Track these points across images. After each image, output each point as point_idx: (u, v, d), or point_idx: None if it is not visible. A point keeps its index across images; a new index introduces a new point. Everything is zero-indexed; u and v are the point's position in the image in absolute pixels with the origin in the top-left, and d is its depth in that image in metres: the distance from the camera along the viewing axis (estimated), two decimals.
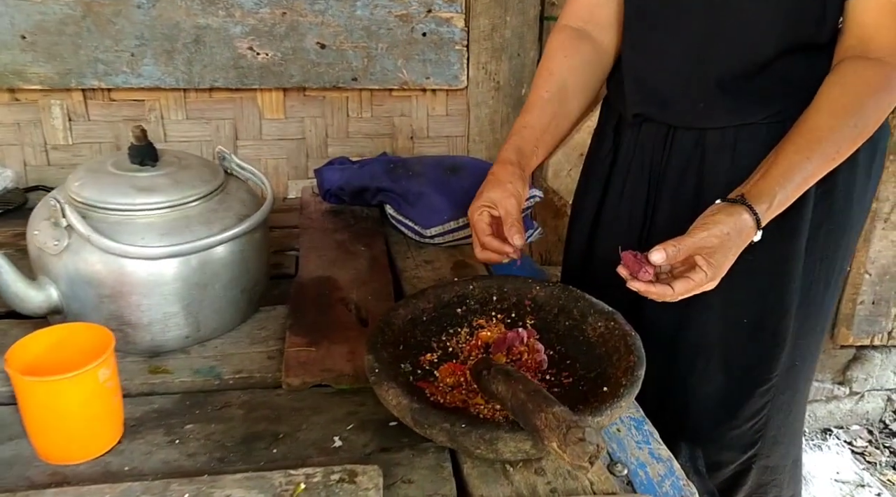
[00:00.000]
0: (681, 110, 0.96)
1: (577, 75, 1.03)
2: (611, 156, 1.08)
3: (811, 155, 0.82)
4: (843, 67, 0.85)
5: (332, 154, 1.54)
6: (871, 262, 1.72)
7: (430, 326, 0.92)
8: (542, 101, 1.01)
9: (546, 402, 0.66)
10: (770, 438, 1.07)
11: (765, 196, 0.81)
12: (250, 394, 0.86)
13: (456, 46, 1.48)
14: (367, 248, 1.22)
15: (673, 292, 0.79)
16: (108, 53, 1.37)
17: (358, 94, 1.51)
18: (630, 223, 1.06)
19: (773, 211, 0.82)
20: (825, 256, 0.98)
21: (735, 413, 1.04)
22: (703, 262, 0.79)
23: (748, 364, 1.02)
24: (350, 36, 1.44)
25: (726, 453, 1.07)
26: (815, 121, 0.83)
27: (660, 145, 1.00)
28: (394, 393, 0.74)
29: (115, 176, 0.92)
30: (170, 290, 0.90)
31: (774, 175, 0.82)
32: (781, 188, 0.81)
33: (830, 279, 1.01)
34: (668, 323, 1.03)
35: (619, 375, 0.79)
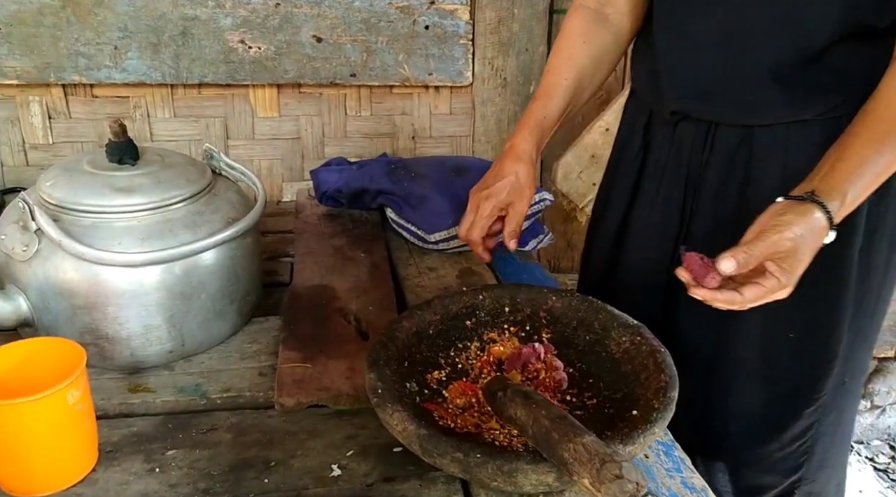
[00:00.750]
0: (726, 105, 0.87)
1: (594, 64, 0.98)
2: (640, 156, 1.00)
3: (881, 148, 0.73)
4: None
5: (328, 154, 1.46)
6: None
7: (437, 340, 0.84)
8: (562, 88, 0.96)
9: (574, 430, 0.59)
10: (816, 462, 0.99)
11: (836, 192, 0.73)
12: (239, 415, 0.78)
13: (460, 40, 1.40)
14: (366, 255, 1.14)
15: (742, 299, 0.71)
16: (90, 46, 1.29)
17: (356, 90, 1.43)
18: (663, 230, 0.97)
19: (845, 209, 0.74)
20: (878, 265, 0.90)
21: (779, 435, 0.96)
22: (774, 268, 0.71)
23: (794, 382, 0.94)
24: (348, 29, 1.36)
25: (769, 477, 0.99)
26: (882, 112, 0.75)
27: (699, 144, 0.91)
28: (399, 417, 0.66)
29: (91, 175, 0.84)
30: (151, 301, 0.81)
31: (844, 170, 0.74)
32: (852, 184, 0.73)
33: (883, 290, 0.93)
34: (705, 338, 0.96)
35: (650, 397, 0.71)
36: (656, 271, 1.00)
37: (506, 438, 0.69)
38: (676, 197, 0.95)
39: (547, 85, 0.97)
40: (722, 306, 0.73)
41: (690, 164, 0.93)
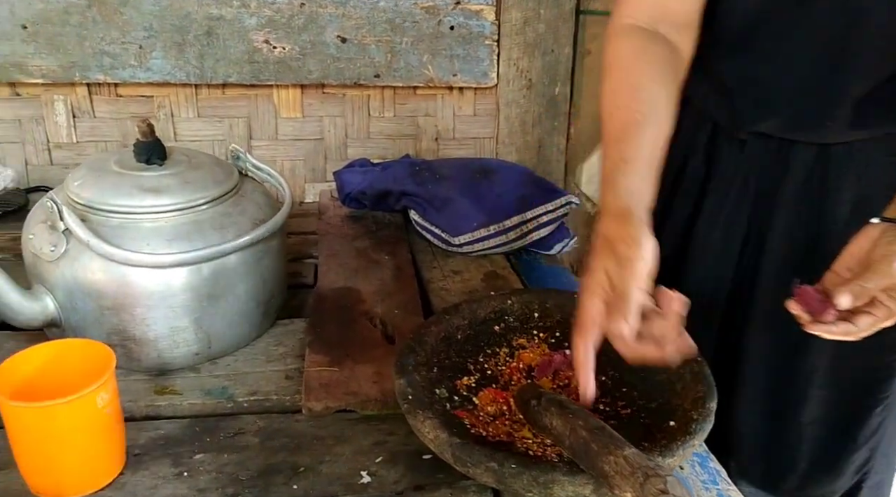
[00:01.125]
0: (810, 126, 0.83)
1: (670, 103, 0.79)
2: (702, 171, 0.94)
3: None
4: None
5: (351, 155, 1.45)
6: None
7: (465, 346, 0.83)
8: (637, 125, 0.75)
9: (614, 442, 0.57)
10: (881, 454, 0.97)
11: None
12: (266, 419, 0.77)
13: (486, 41, 1.39)
14: (390, 257, 1.13)
15: (857, 330, 0.69)
16: (115, 45, 1.29)
17: (380, 91, 1.42)
18: (725, 249, 0.93)
19: None
20: None
21: (854, 440, 0.94)
22: (885, 297, 0.68)
23: (864, 384, 0.92)
24: (373, 29, 1.35)
25: (840, 480, 0.97)
26: None
27: (771, 163, 0.87)
28: (430, 424, 0.65)
29: (119, 175, 0.84)
30: (178, 302, 0.81)
31: None
32: None
33: None
34: (776, 355, 0.93)
35: (688, 407, 0.69)
36: (717, 289, 0.96)
37: (539, 448, 0.68)
38: (743, 215, 0.91)
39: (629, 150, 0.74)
40: (839, 337, 0.70)
41: (760, 182, 0.89)
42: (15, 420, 0.63)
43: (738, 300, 0.95)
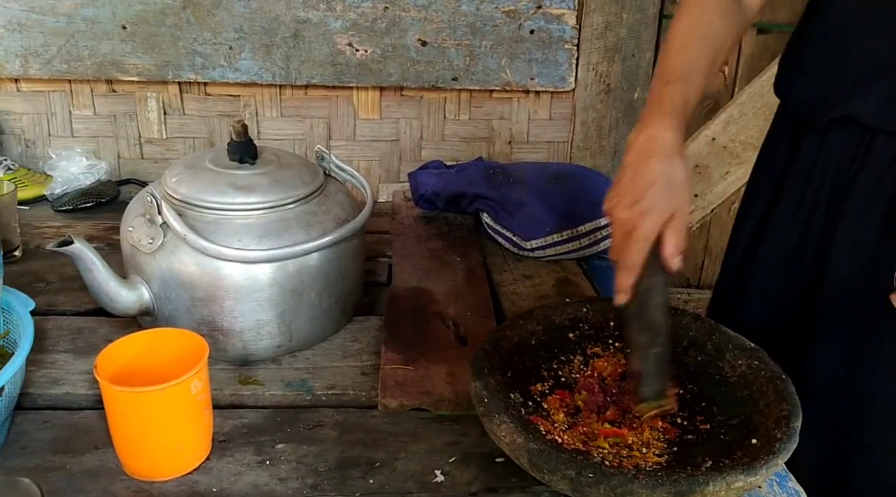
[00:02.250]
0: None
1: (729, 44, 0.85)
2: (783, 166, 0.93)
3: None
4: None
5: (425, 157, 1.47)
6: None
7: (539, 352, 0.83)
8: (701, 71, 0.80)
9: None
10: None
11: None
12: (343, 413, 0.79)
13: (565, 45, 1.38)
14: (462, 259, 1.15)
15: None
16: (207, 46, 1.34)
17: (456, 94, 1.44)
18: (800, 244, 0.91)
19: None
20: None
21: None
22: None
23: None
24: (453, 33, 1.36)
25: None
26: None
27: (850, 154, 0.85)
28: (507, 428, 0.65)
29: (213, 173, 0.88)
30: (264, 297, 0.84)
31: None
32: None
33: None
34: (844, 361, 0.88)
35: (771, 426, 0.67)
36: (794, 285, 0.93)
37: (616, 459, 0.67)
38: (820, 210, 0.89)
39: (683, 65, 0.79)
40: None
41: (839, 176, 0.86)
42: (115, 403, 0.67)
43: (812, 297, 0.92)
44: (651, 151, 0.73)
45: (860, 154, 0.84)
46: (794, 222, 0.93)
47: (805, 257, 0.92)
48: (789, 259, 0.93)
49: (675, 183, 0.72)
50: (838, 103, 0.84)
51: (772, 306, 0.97)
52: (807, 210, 0.91)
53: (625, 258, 0.72)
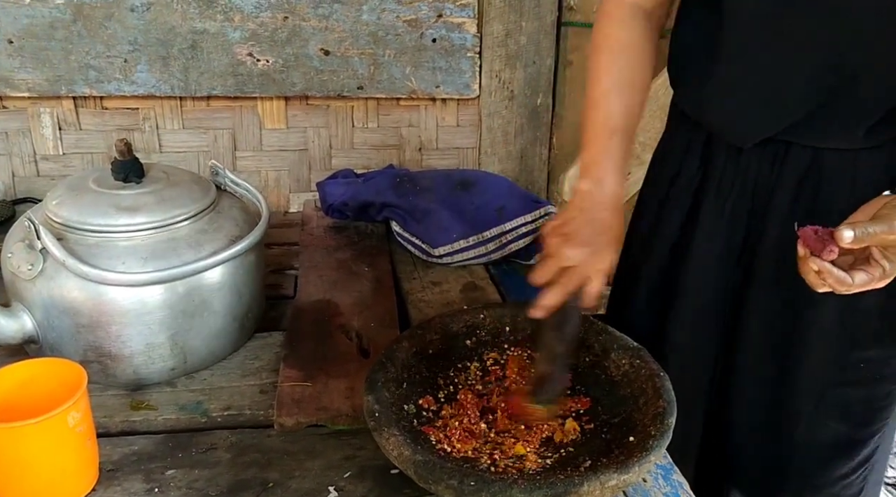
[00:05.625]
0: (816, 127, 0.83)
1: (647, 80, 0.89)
2: (696, 180, 0.94)
3: None
4: None
5: (336, 166, 1.46)
6: None
7: (437, 361, 0.84)
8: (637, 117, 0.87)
9: None
10: (873, 482, 0.98)
11: None
12: (239, 434, 0.79)
13: (468, 53, 1.40)
14: (370, 269, 1.15)
15: (852, 283, 0.70)
16: (100, 59, 1.30)
17: (364, 103, 1.44)
18: (725, 255, 0.93)
19: None
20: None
21: (847, 462, 0.94)
22: (879, 255, 0.70)
23: (865, 410, 0.92)
24: (356, 42, 1.36)
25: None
26: None
27: (767, 168, 0.87)
28: (395, 442, 0.66)
29: (96, 194, 0.85)
30: (154, 319, 0.82)
31: None
32: None
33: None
34: (769, 364, 0.93)
35: (647, 423, 0.70)
36: (717, 295, 0.96)
37: (502, 465, 0.69)
38: (741, 219, 0.91)
39: (624, 115, 0.85)
40: (833, 285, 0.71)
41: (758, 185, 0.88)
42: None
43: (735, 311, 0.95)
44: (605, 205, 0.81)
45: (777, 164, 0.86)
46: (715, 233, 0.93)
47: (730, 267, 0.93)
48: (715, 268, 0.94)
49: (618, 237, 0.82)
50: (757, 125, 0.85)
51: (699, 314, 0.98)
52: (728, 220, 0.92)
53: (560, 286, 0.77)
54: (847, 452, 0.93)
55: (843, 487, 0.95)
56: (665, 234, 0.98)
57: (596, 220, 0.80)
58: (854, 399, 0.90)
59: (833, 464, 0.94)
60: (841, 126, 0.80)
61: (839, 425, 0.92)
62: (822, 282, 0.71)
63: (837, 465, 0.94)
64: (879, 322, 0.86)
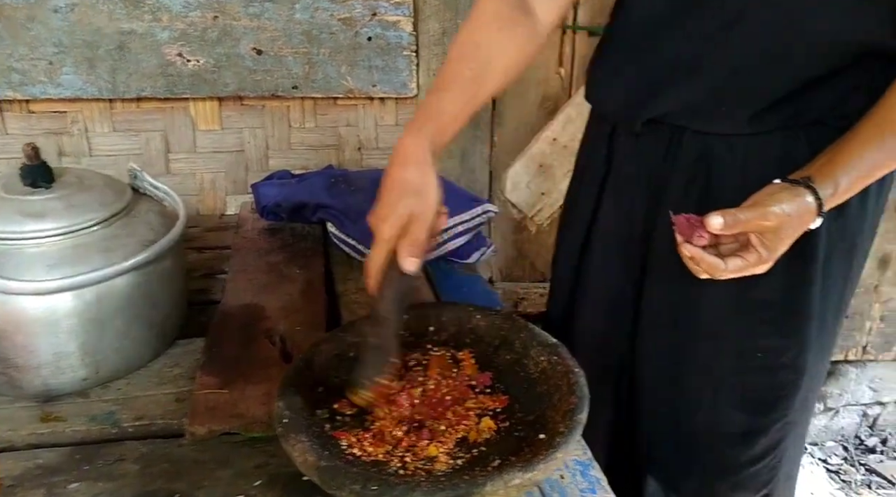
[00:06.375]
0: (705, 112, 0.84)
1: (507, 56, 0.84)
2: (604, 168, 0.97)
3: (880, 147, 0.75)
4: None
5: (273, 167, 1.44)
6: None
7: (357, 363, 0.83)
8: (463, 79, 0.81)
9: None
10: (783, 475, 1.00)
11: (829, 180, 0.74)
12: (150, 445, 0.77)
13: (404, 52, 1.39)
14: (303, 271, 1.13)
15: (725, 268, 0.73)
16: (24, 62, 1.27)
17: (300, 102, 1.42)
18: (627, 242, 0.95)
19: (836, 198, 0.76)
20: (837, 280, 0.89)
21: (750, 450, 0.95)
22: (757, 242, 0.73)
23: (764, 399, 0.93)
24: (289, 41, 1.34)
25: (740, 493, 0.99)
26: (887, 114, 0.76)
27: (661, 153, 0.89)
28: (301, 448, 0.65)
29: (2, 200, 0.83)
30: (62, 328, 0.80)
31: (841, 161, 0.75)
32: (846, 175, 0.75)
33: (841, 304, 0.92)
34: (670, 351, 0.94)
35: (559, 420, 0.70)
36: (620, 283, 0.98)
37: (412, 467, 0.68)
38: (639, 208, 0.93)
39: (445, 75, 0.82)
40: (705, 269, 0.73)
41: (653, 175, 0.90)
42: None
43: (638, 299, 0.97)
44: (397, 159, 0.76)
45: (671, 153, 0.88)
46: (616, 221, 0.96)
47: (631, 255, 0.95)
48: (617, 256, 0.97)
49: (415, 188, 0.74)
50: (646, 106, 0.88)
51: (604, 303, 1.01)
52: (628, 209, 0.94)
53: (367, 261, 0.76)
54: (748, 440, 0.94)
55: (749, 476, 0.96)
56: (576, 224, 1.00)
57: (389, 177, 0.76)
58: (752, 387, 0.92)
59: (735, 451, 0.95)
60: (726, 112, 0.82)
61: (739, 413, 0.93)
62: (698, 267, 0.73)
63: (740, 452, 0.95)
64: (776, 312, 0.87)
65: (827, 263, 0.85)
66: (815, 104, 0.79)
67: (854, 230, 0.86)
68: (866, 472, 1.86)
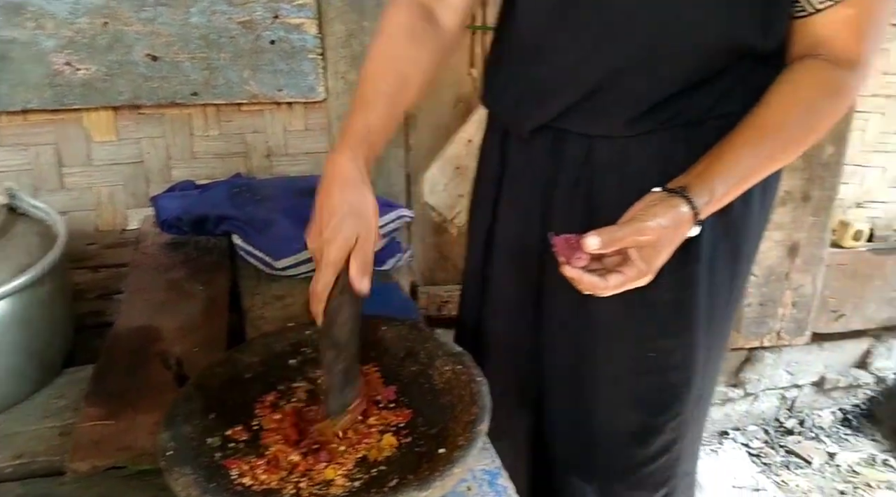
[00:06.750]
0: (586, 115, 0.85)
1: (420, 69, 0.85)
2: (499, 170, 0.97)
3: (756, 151, 0.76)
4: (798, 66, 0.79)
5: (177, 177, 1.38)
6: (757, 263, 1.70)
7: (255, 385, 0.79)
8: (384, 95, 0.82)
9: None
10: (680, 473, 1.01)
11: (705, 188, 0.75)
12: (29, 485, 0.71)
13: (309, 55, 1.35)
14: (206, 287, 1.08)
15: (606, 284, 0.73)
16: None
17: (202, 109, 1.36)
18: (524, 244, 0.95)
19: (713, 205, 0.76)
20: (725, 281, 0.90)
21: (645, 449, 0.96)
22: (636, 256, 0.73)
23: (658, 399, 0.94)
24: (186, 46, 1.28)
25: (639, 492, 1.00)
26: (764, 117, 0.77)
27: (549, 157, 0.89)
28: (184, 482, 0.61)
29: None
30: None
31: (718, 168, 0.76)
32: (722, 181, 0.75)
33: (730, 303, 0.94)
34: (570, 353, 0.95)
35: (459, 432, 0.68)
36: (521, 287, 0.97)
37: (307, 492, 0.65)
38: (534, 212, 0.93)
39: (366, 93, 0.83)
40: (587, 288, 0.74)
41: (543, 178, 0.91)
42: None
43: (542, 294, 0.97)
44: (335, 181, 0.76)
45: (557, 156, 0.89)
46: (513, 226, 0.97)
47: (529, 258, 0.95)
48: (517, 260, 0.97)
49: (357, 209, 0.74)
50: (533, 113, 0.88)
51: (509, 306, 1.01)
52: (523, 213, 0.94)
53: (314, 285, 0.74)
54: (644, 440, 0.95)
55: (647, 475, 0.98)
56: (478, 229, 1.01)
57: (328, 200, 0.75)
58: (646, 387, 0.93)
59: (632, 451, 0.96)
60: (606, 114, 0.83)
61: (634, 413, 0.94)
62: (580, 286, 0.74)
63: (636, 452, 0.96)
64: (665, 313, 0.88)
65: (712, 264, 0.87)
66: (693, 106, 0.80)
67: (738, 230, 0.88)
68: (786, 453, 1.93)
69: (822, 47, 0.76)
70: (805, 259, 1.73)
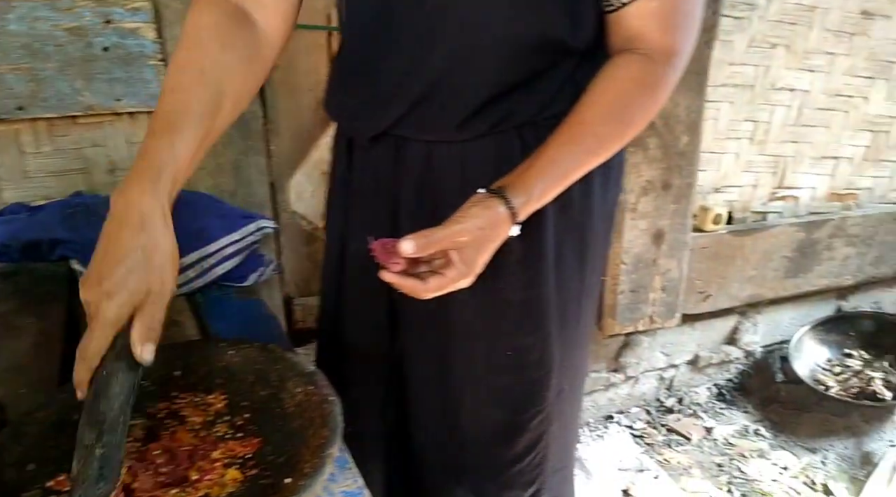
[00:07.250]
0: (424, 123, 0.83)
1: (236, 81, 0.75)
2: (346, 181, 0.95)
3: (575, 148, 0.77)
4: (615, 62, 0.80)
5: (8, 200, 1.24)
6: (626, 252, 1.76)
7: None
8: (194, 115, 0.70)
9: None
10: (550, 469, 1.01)
11: (523, 188, 0.75)
12: None
13: (149, 61, 1.26)
14: (38, 320, 0.98)
15: (425, 287, 0.72)
16: None
17: (30, 125, 1.23)
18: None
19: (531, 204, 0.76)
20: (573, 275, 0.91)
21: (511, 449, 0.96)
22: (456, 258, 0.72)
23: (518, 396, 0.94)
24: (6, 56, 1.16)
25: (510, 492, 0.99)
26: (582, 114, 0.77)
27: (391, 163, 0.88)
28: None
29: None
30: None
31: (536, 168, 0.76)
32: (541, 180, 0.76)
33: (582, 298, 0.94)
34: (430, 356, 0.94)
35: (308, 458, 0.64)
36: (375, 295, 0.95)
37: None
38: (382, 219, 0.92)
39: (169, 113, 0.69)
40: (408, 292, 0.74)
41: (388, 186, 0.89)
42: None
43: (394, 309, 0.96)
44: (125, 221, 0.64)
45: (399, 163, 0.88)
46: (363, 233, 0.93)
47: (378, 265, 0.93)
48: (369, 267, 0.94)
49: (151, 259, 0.63)
50: (370, 122, 0.87)
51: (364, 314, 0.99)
52: (371, 220, 0.93)
53: (83, 345, 0.62)
54: (509, 438, 0.96)
55: (517, 474, 0.98)
56: (332, 237, 1.00)
57: (115, 244, 0.63)
58: (506, 386, 0.94)
59: (498, 450, 0.97)
60: (437, 119, 0.82)
61: (497, 412, 0.96)
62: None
63: (502, 450, 0.97)
64: (518, 311, 0.89)
65: (559, 260, 0.88)
66: (523, 107, 0.81)
67: (582, 225, 0.89)
68: (667, 431, 2.01)
69: (636, 41, 0.78)
70: (670, 245, 1.81)
